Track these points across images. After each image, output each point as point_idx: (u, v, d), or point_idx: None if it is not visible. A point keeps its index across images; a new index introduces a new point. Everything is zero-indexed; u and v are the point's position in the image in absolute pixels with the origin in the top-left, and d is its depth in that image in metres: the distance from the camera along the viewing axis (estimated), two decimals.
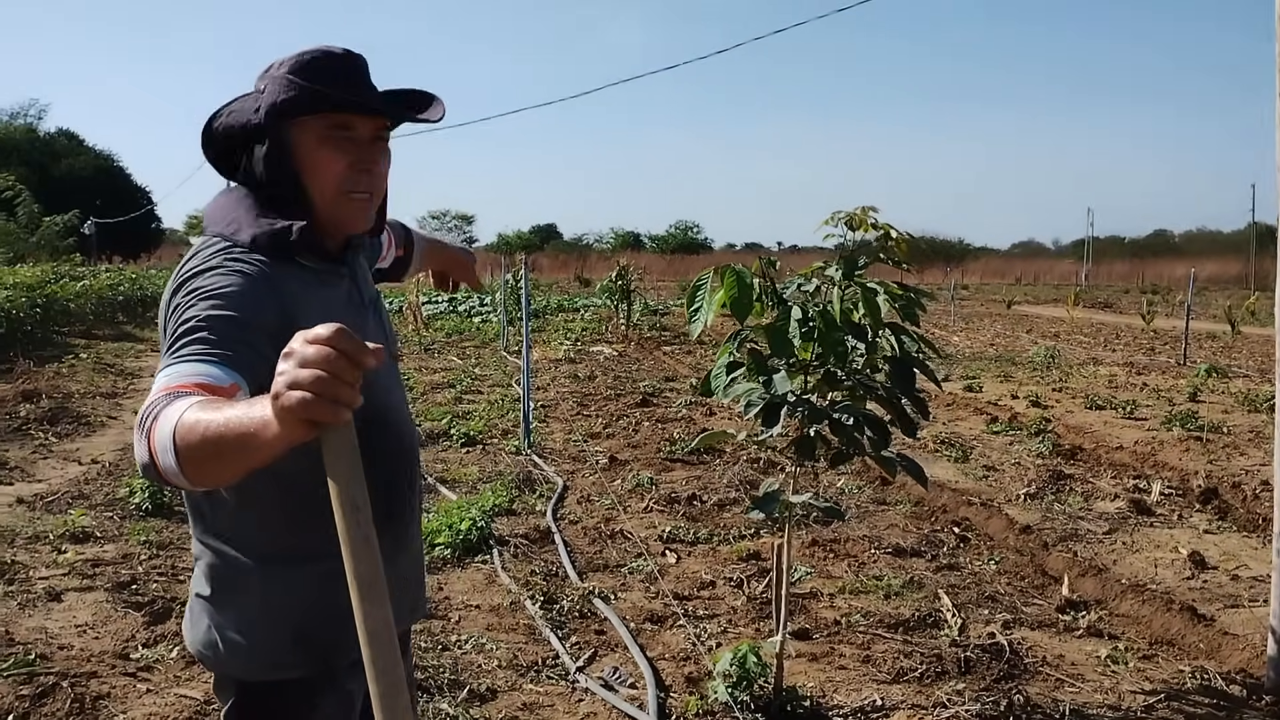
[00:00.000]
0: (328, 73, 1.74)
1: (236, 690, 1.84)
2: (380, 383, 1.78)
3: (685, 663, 4.53)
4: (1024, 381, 14.26)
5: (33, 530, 6.27)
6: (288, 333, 1.37)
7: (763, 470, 8.08)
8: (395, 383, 1.94)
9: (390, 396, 1.88)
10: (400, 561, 1.90)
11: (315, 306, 1.70)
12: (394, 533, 1.85)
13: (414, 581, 2.02)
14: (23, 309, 16.15)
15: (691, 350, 17.70)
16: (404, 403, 1.97)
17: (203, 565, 1.85)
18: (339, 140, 1.74)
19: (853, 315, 3.62)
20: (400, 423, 1.90)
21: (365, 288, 1.93)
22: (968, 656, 4.55)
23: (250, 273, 1.67)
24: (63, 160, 53.20)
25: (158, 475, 1.40)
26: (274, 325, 1.59)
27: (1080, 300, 33.54)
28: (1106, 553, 6.28)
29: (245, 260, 1.69)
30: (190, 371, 1.47)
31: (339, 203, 1.76)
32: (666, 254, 74.22)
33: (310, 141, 1.74)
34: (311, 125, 1.73)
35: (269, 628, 1.80)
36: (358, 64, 1.79)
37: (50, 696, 4.05)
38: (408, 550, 1.96)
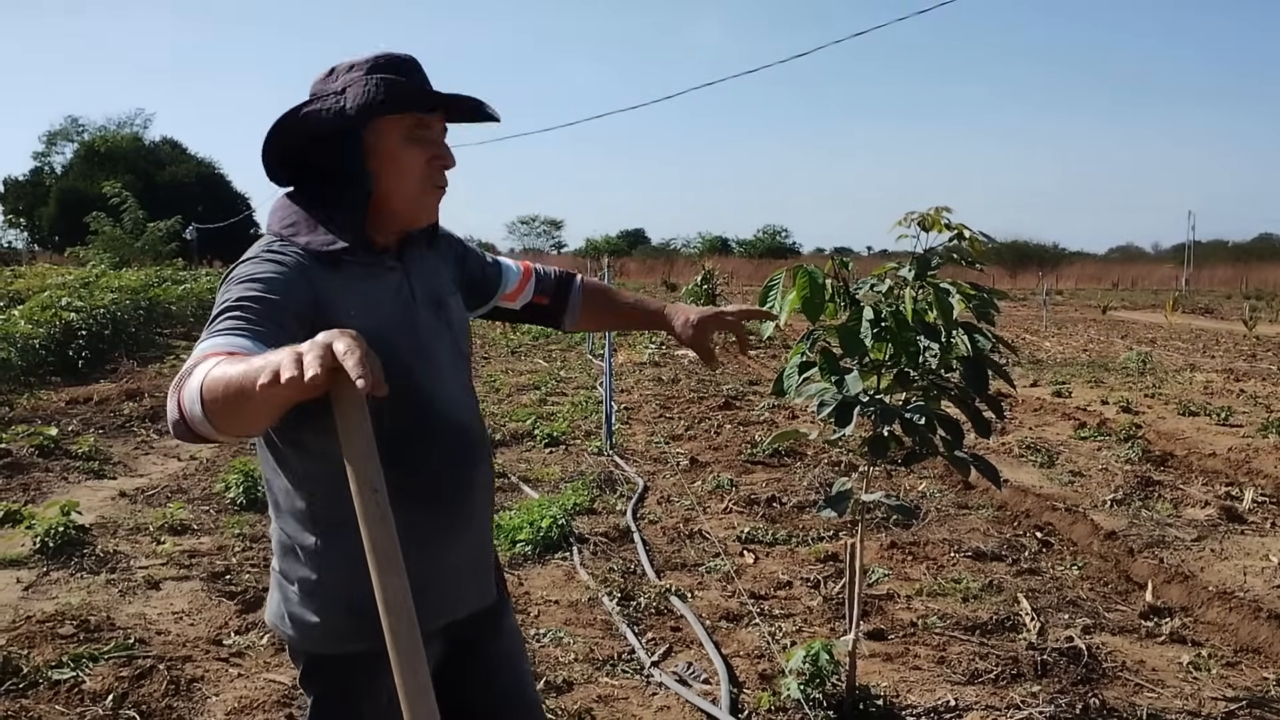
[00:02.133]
0: (408, 73, 1.87)
1: (305, 661, 1.97)
2: (432, 373, 1.91)
3: (759, 660, 4.57)
4: (1115, 387, 13.98)
5: (134, 522, 6.53)
6: (320, 319, 1.62)
7: (843, 473, 8.07)
8: (452, 375, 1.98)
9: (442, 386, 1.94)
10: (458, 547, 1.98)
11: (354, 298, 1.81)
12: (449, 517, 1.95)
13: (476, 567, 2.07)
14: (127, 311, 16.71)
15: (776, 354, 17.65)
16: (462, 395, 2.01)
17: (275, 543, 2.00)
18: (421, 139, 1.86)
19: (926, 315, 3.63)
20: (453, 412, 1.95)
21: (424, 284, 1.99)
22: (1044, 659, 4.52)
23: (287, 262, 1.78)
24: (166, 168, 54.79)
25: (187, 429, 1.50)
26: (306, 309, 1.71)
27: (1179, 305, 32.72)
28: (1194, 560, 6.16)
29: (285, 252, 1.81)
30: (223, 343, 1.57)
31: (421, 197, 1.90)
32: (754, 258, 73.89)
33: (395, 140, 1.84)
34: (396, 124, 1.84)
35: (328, 601, 1.90)
36: (419, 66, 1.91)
37: (148, 678, 4.23)
38: (467, 536, 2.01)
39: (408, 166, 1.85)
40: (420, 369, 1.87)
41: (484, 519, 2.08)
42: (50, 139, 61.92)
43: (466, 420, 1.99)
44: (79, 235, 37.39)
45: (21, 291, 18.67)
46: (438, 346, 1.95)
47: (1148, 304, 39.94)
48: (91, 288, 18.27)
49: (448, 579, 1.97)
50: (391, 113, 1.84)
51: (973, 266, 3.80)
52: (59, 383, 12.38)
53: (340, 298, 1.79)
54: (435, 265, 2.07)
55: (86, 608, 4.97)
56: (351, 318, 1.74)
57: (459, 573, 2.00)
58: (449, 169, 1.93)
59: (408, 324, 1.89)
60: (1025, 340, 22.03)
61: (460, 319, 2.08)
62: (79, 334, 13.93)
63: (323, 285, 1.79)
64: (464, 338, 2.07)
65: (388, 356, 1.63)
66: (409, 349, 1.86)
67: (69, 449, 8.48)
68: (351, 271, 1.84)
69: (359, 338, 1.35)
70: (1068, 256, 72.95)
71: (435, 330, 1.96)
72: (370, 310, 1.81)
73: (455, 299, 2.09)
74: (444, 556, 1.95)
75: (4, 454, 8.12)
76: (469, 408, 2.02)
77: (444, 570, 1.95)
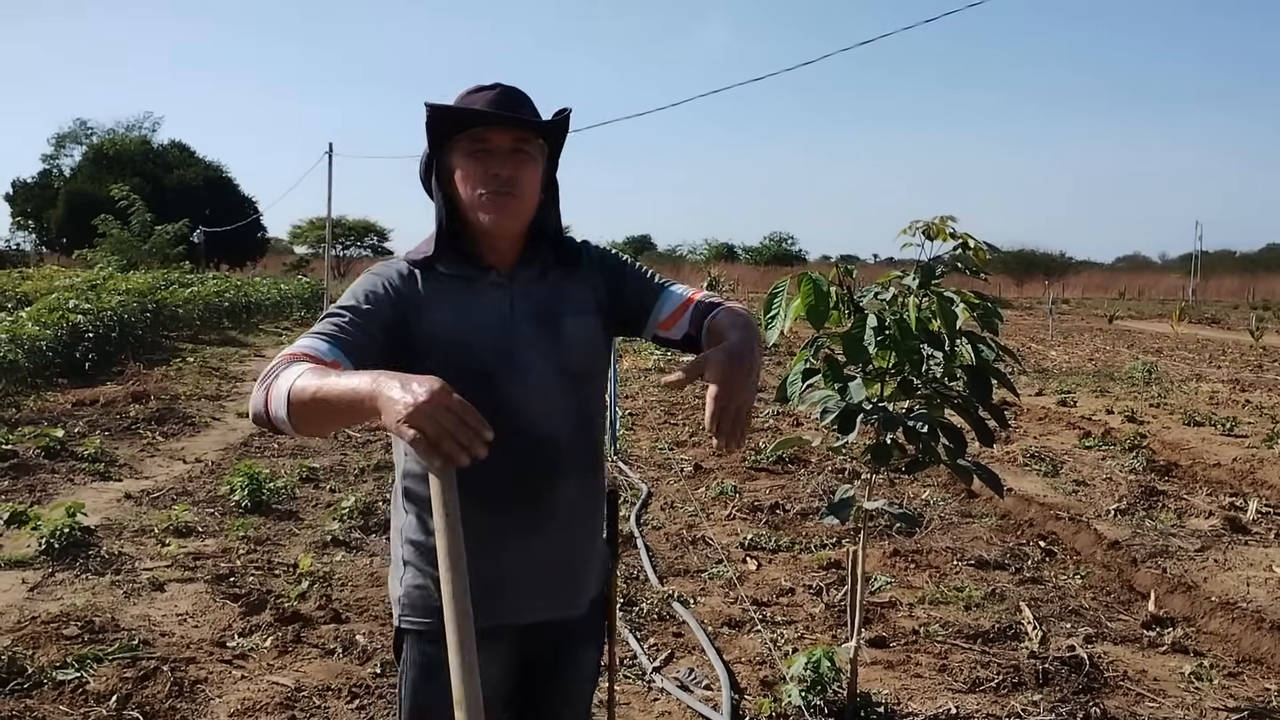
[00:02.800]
0: (472, 99, 2.03)
1: (395, 634, 2.18)
2: (518, 384, 2.00)
3: (761, 666, 4.58)
4: (1121, 397, 13.97)
5: (139, 524, 6.55)
6: (409, 324, 1.97)
7: (846, 480, 8.07)
8: (544, 388, 2.03)
9: (526, 397, 2.00)
10: (523, 553, 2.04)
11: (446, 307, 2.02)
12: (513, 523, 2.03)
13: (548, 578, 2.09)
14: (134, 314, 16.77)
15: (780, 361, 17.64)
16: (555, 409, 2.04)
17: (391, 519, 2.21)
18: (477, 152, 2.01)
19: (930, 324, 3.64)
20: (535, 423, 2.00)
21: (533, 300, 2.08)
22: (1046, 669, 4.53)
23: (389, 275, 2.04)
24: (174, 171, 54.86)
25: (268, 422, 1.79)
26: (394, 318, 1.98)
27: (1186, 315, 32.68)
28: (1197, 570, 6.16)
29: (394, 265, 2.08)
30: (305, 344, 1.86)
31: (476, 202, 2.01)
32: (760, 265, 73.94)
33: (458, 158, 2.03)
34: (459, 144, 2.02)
35: (411, 577, 2.10)
36: (507, 92, 2.05)
37: (152, 680, 4.25)
38: (535, 545, 2.05)
39: (466, 179, 2.02)
40: (504, 378, 1.99)
41: (562, 533, 2.08)
42: (59, 142, 62.08)
43: (552, 433, 2.03)
44: (87, 238, 37.53)
45: (29, 293, 18.76)
46: (533, 360, 2.02)
47: (1154, 314, 39.91)
48: (99, 290, 18.35)
49: (506, 581, 2.03)
50: (435, 132, 2.03)
51: (977, 276, 3.81)
52: (66, 384, 12.42)
53: (431, 306, 2.01)
54: (561, 284, 2.13)
55: (91, 609, 4.98)
56: (435, 324, 1.99)
57: (520, 578, 2.05)
58: (502, 176, 2.00)
59: (498, 335, 2.02)
60: (1031, 349, 22.02)
61: (580, 338, 2.10)
62: (86, 336, 13.98)
63: (417, 294, 2.02)
64: (578, 356, 2.09)
65: (467, 362, 1.96)
66: (493, 358, 1.99)
67: (75, 451, 8.50)
68: (452, 284, 2.05)
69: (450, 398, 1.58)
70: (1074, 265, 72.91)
71: (534, 344, 2.04)
72: (458, 318, 2.01)
73: (581, 320, 2.12)
74: (503, 559, 2.02)
75: (10, 455, 8.15)
76: (560, 422, 2.04)
77: (502, 572, 2.02)
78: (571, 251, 2.17)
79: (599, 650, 2.32)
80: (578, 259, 2.17)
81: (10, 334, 12.07)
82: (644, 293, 2.18)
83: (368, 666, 4.46)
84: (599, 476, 2.18)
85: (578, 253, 2.18)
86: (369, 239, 76.14)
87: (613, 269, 2.21)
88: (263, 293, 28.28)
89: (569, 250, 2.16)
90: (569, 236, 2.21)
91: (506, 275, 2.08)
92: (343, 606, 5.13)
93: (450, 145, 2.03)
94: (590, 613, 2.21)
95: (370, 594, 5.32)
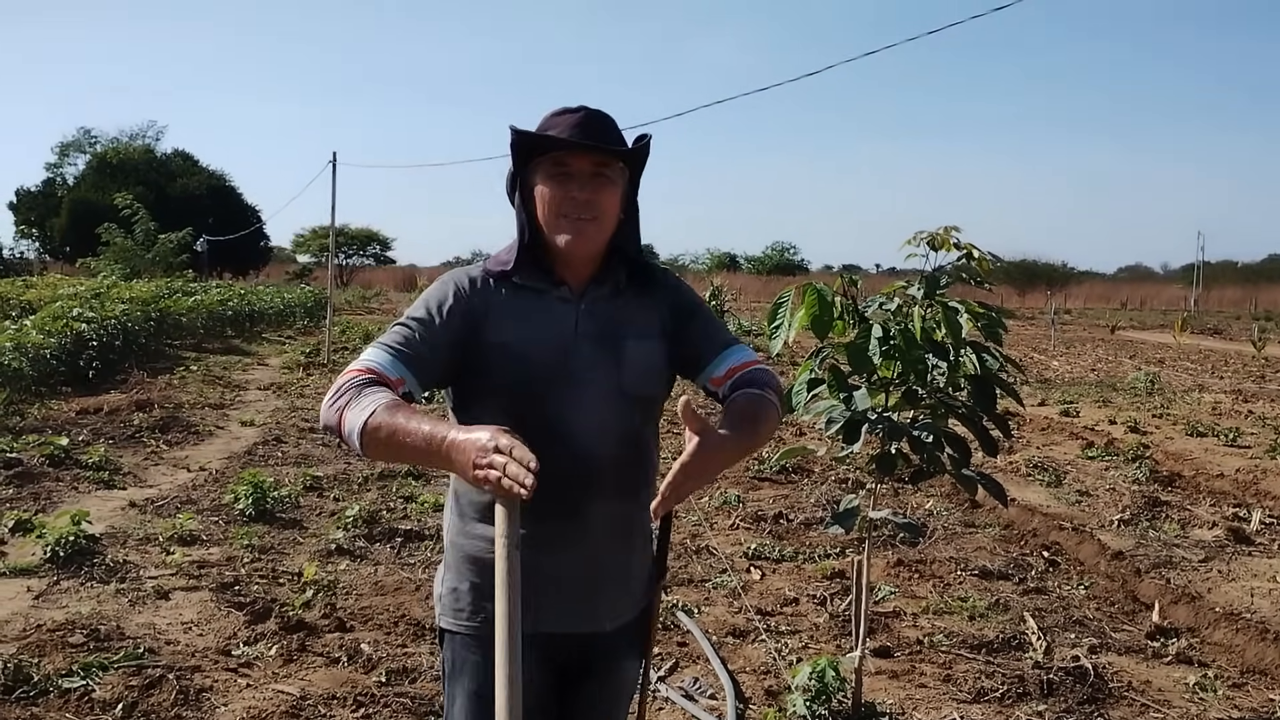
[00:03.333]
0: (559, 122, 2.07)
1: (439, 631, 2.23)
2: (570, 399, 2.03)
3: (765, 676, 4.59)
4: (1123, 407, 13.98)
5: (143, 532, 6.56)
6: (477, 337, 2.03)
7: (851, 490, 8.09)
8: (596, 407, 2.05)
9: (576, 413, 2.03)
10: (554, 564, 2.07)
11: (512, 317, 2.07)
12: (546, 534, 2.03)
13: (579, 591, 2.10)
14: (138, 322, 16.78)
15: (784, 371, 17.66)
16: (603, 428, 2.05)
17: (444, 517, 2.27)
18: (557, 175, 2.06)
19: (934, 334, 3.65)
20: (580, 439, 2.03)
21: (600, 320, 2.12)
22: (1050, 679, 4.53)
23: (461, 283, 2.11)
24: (178, 180, 54.83)
25: (336, 436, 1.92)
26: (458, 329, 2.04)
27: (1188, 326, 32.63)
28: (1201, 581, 6.16)
29: (465, 275, 2.13)
30: (371, 357, 1.99)
31: (555, 226, 2.06)
32: (762, 275, 73.91)
33: (540, 178, 2.08)
34: (542, 165, 2.07)
35: (452, 578, 2.16)
36: (593, 115, 2.09)
37: (157, 688, 4.25)
38: (568, 558, 2.07)
39: (546, 200, 2.06)
40: (557, 392, 2.03)
41: (593, 552, 2.10)
42: (62, 150, 62.05)
43: (596, 452, 2.04)
44: (90, 246, 37.53)
45: (33, 302, 18.77)
46: (589, 378, 2.06)
47: (1156, 324, 39.90)
48: (102, 298, 18.36)
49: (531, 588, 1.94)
50: (519, 153, 2.08)
51: (981, 286, 3.82)
52: (70, 393, 12.43)
53: (498, 315, 2.07)
54: (630, 305, 2.16)
55: (96, 617, 4.99)
56: (502, 334, 2.04)
57: (545, 588, 2.05)
58: (580, 200, 2.05)
59: (558, 350, 2.06)
60: (1033, 359, 22.02)
61: (641, 361, 2.12)
62: (90, 344, 13.99)
63: (487, 303, 2.08)
64: (636, 379, 2.10)
65: (524, 374, 2.01)
66: (549, 372, 2.03)
67: (79, 459, 8.51)
68: (523, 295, 2.10)
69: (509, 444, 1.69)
70: (1076, 276, 72.76)
71: (592, 363, 2.07)
72: (522, 330, 2.06)
73: (643, 343, 2.14)
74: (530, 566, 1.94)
75: (15, 463, 8.16)
76: (606, 443, 2.05)
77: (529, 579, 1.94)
78: (647, 274, 2.20)
79: (638, 668, 2.32)
80: (652, 283, 2.21)
81: (15, 342, 12.08)
82: (707, 344, 2.20)
83: (373, 675, 4.46)
84: (643, 500, 2.10)
85: (653, 277, 2.21)
86: (372, 248, 76.22)
87: (684, 308, 2.23)
88: (266, 301, 28.29)
89: (645, 273, 2.20)
90: (649, 259, 2.23)
91: (576, 292, 2.12)
92: (347, 615, 5.13)
93: (533, 165, 2.08)
94: (628, 630, 2.22)
95: (375, 602, 5.33)
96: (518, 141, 2.06)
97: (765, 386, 2.13)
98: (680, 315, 2.21)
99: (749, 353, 2.22)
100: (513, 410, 1.97)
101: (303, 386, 14.42)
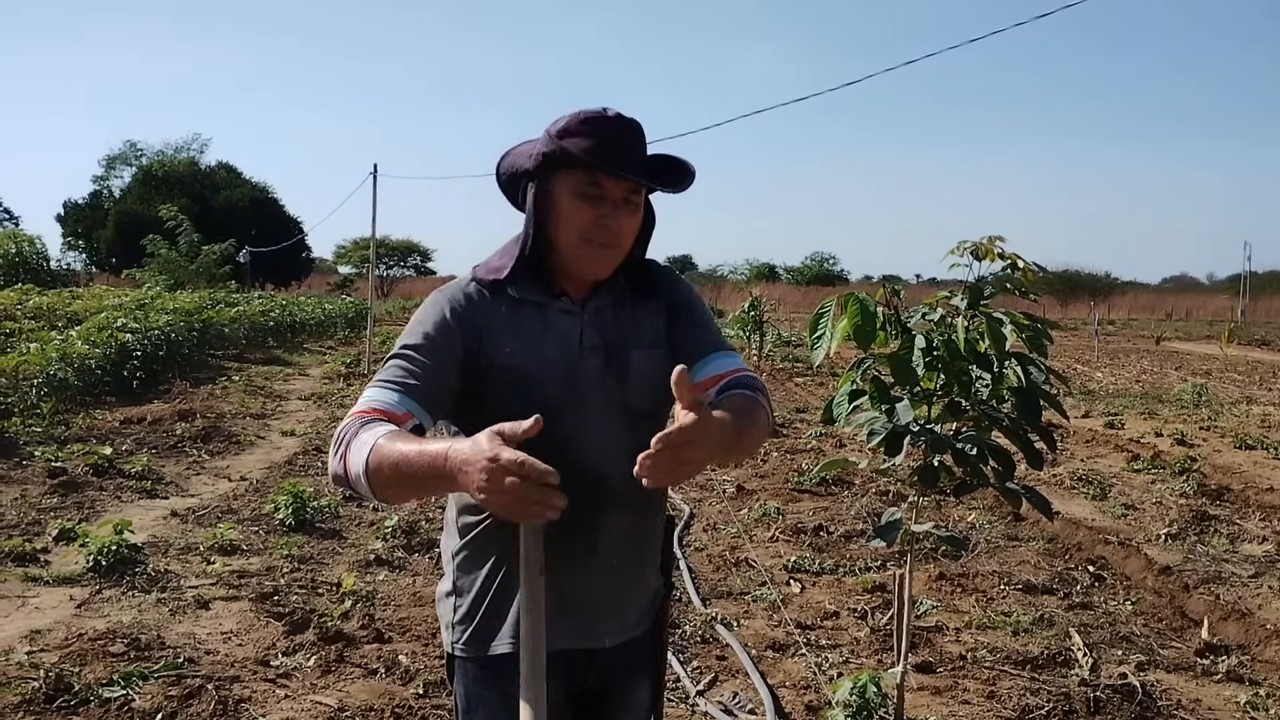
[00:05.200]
0: (596, 135, 1.92)
1: (446, 659, 2.15)
2: (579, 418, 1.95)
3: (806, 691, 4.53)
4: (1169, 419, 13.76)
5: (184, 542, 6.60)
6: (480, 354, 1.92)
7: (891, 502, 8.00)
8: (604, 424, 1.98)
9: (587, 432, 1.95)
10: (572, 581, 1.98)
11: (516, 336, 1.96)
12: (568, 551, 1.95)
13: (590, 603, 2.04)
14: (181, 333, 16.96)
15: (823, 382, 17.57)
16: (612, 445, 1.96)
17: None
18: (589, 196, 1.93)
19: (978, 345, 3.59)
20: (592, 459, 1.94)
21: (603, 333, 2.01)
22: (1097, 696, 4.44)
23: (452, 300, 1.98)
24: (221, 192, 55.43)
25: (349, 487, 1.77)
26: (460, 350, 1.92)
27: (1235, 337, 32.19)
28: (1251, 597, 6.04)
29: (458, 291, 2.00)
30: (373, 396, 1.85)
31: (578, 249, 1.95)
32: (801, 286, 73.63)
33: (566, 193, 1.94)
34: (570, 179, 1.94)
35: (460, 604, 2.07)
36: (627, 129, 1.96)
37: (196, 698, 4.27)
38: (579, 578, 1.99)
39: (571, 220, 1.94)
40: (568, 412, 1.93)
41: (603, 569, 2.02)
42: (109, 163, 62.91)
43: (605, 469, 1.95)
44: (136, 257, 38.02)
45: (79, 312, 19.01)
46: (595, 395, 1.98)
47: (1202, 335, 39.32)
48: (147, 309, 18.59)
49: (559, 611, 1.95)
50: (561, 168, 1.94)
51: (1025, 296, 3.76)
52: (114, 402, 12.57)
53: (501, 335, 1.95)
54: (634, 315, 2.07)
55: (137, 626, 5.02)
56: (506, 355, 1.93)
57: (564, 609, 1.97)
58: (613, 230, 1.95)
59: (565, 368, 1.96)
60: (1077, 370, 21.76)
61: (648, 373, 2.01)
62: (134, 355, 14.16)
63: (487, 320, 1.96)
64: (644, 392, 2.01)
65: (535, 395, 1.89)
66: (559, 391, 1.94)
67: (122, 468, 8.60)
68: (522, 309, 1.99)
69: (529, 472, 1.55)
70: (1120, 286, 71.87)
71: (597, 379, 1.99)
72: (528, 349, 1.95)
73: (650, 353, 2.05)
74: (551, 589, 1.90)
75: (60, 472, 8.25)
76: (615, 458, 1.92)
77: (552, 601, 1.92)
78: (647, 279, 2.10)
79: (654, 682, 2.25)
80: (653, 288, 2.10)
81: (61, 352, 12.24)
82: (694, 345, 2.09)
83: (410, 687, 4.45)
84: (656, 516, 2.08)
85: (653, 281, 2.11)
86: (412, 259, 76.79)
87: (676, 306, 2.13)
88: (307, 312, 28.55)
89: (645, 277, 2.10)
90: (649, 261, 2.13)
91: (578, 304, 2.02)
92: (385, 626, 5.13)
93: (558, 175, 1.95)
94: (639, 644, 2.15)
95: (413, 614, 5.32)
96: (559, 156, 1.92)
97: (756, 390, 2.04)
98: (672, 313, 2.11)
99: (737, 359, 2.11)
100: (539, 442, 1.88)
101: (343, 397, 14.49)
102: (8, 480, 8.07)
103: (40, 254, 37.71)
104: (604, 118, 1.95)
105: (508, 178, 2.06)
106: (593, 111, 1.95)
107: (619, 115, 1.96)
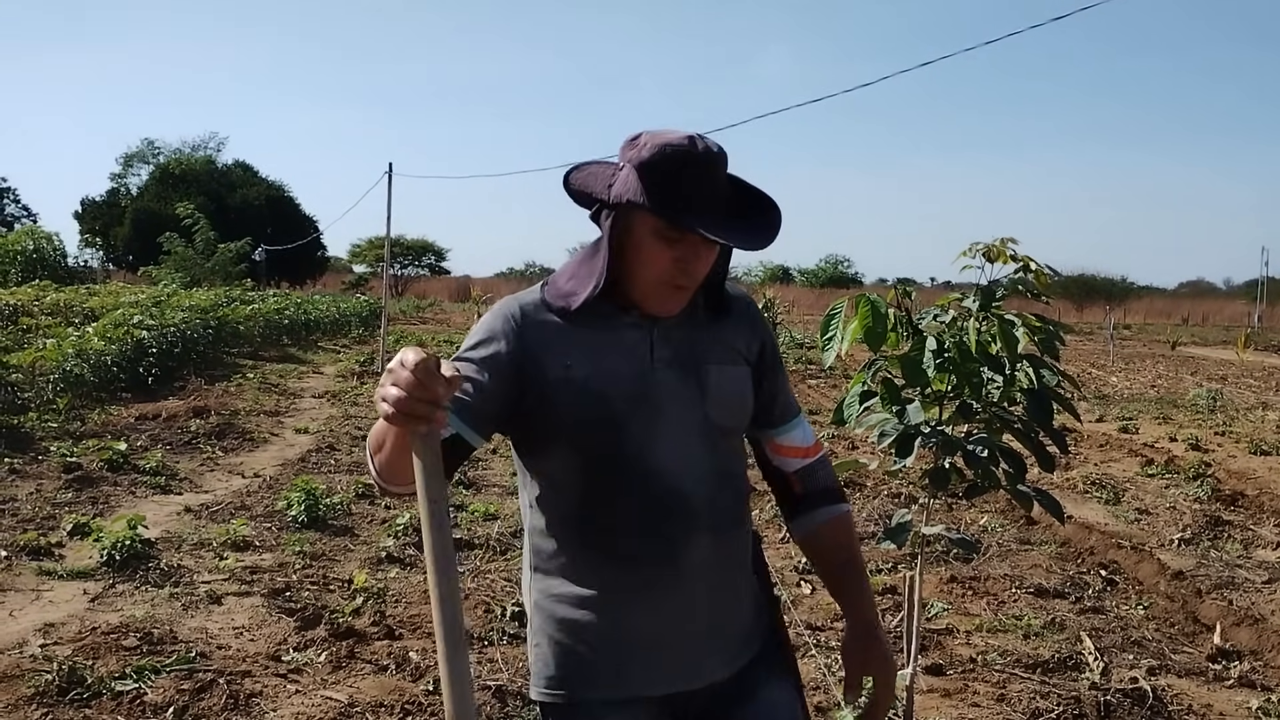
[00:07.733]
0: (681, 178, 1.77)
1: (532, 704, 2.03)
2: (652, 433, 1.85)
3: (815, 692, 4.53)
4: (1184, 424, 13.70)
5: (198, 538, 6.64)
6: (533, 375, 1.82)
7: (903, 505, 7.99)
8: (681, 439, 1.88)
9: (661, 447, 1.86)
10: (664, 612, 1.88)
11: (576, 349, 1.85)
12: (644, 581, 1.86)
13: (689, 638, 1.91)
14: (197, 330, 17.06)
15: (836, 384, 17.54)
16: (690, 462, 1.88)
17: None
18: (671, 239, 1.81)
19: (989, 347, 3.59)
20: (667, 475, 1.85)
21: (677, 346, 1.91)
22: (1108, 700, 4.43)
23: (508, 317, 1.88)
24: (238, 190, 55.62)
25: (376, 482, 1.77)
26: (515, 367, 1.83)
27: (1251, 342, 32.01)
28: (1264, 602, 6.01)
29: (514, 306, 1.90)
30: None
31: (656, 291, 1.85)
32: (815, 288, 73.57)
33: (645, 231, 1.82)
34: (650, 219, 1.80)
35: (542, 644, 1.94)
36: (714, 166, 1.81)
37: (208, 692, 4.29)
38: (669, 608, 1.88)
39: (650, 260, 1.83)
40: (638, 427, 1.83)
41: (695, 597, 1.89)
42: (127, 161, 63.23)
43: (685, 487, 1.85)
44: (152, 255, 38.22)
45: (96, 309, 19.12)
46: (672, 408, 1.87)
47: (1218, 340, 39.16)
48: (163, 307, 18.70)
49: (635, 648, 1.88)
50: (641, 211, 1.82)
51: (1038, 299, 3.75)
52: (129, 399, 12.64)
53: (560, 348, 1.85)
54: (708, 329, 1.97)
55: (150, 620, 5.05)
56: (567, 368, 1.83)
57: (649, 646, 1.89)
58: (692, 274, 1.85)
59: (633, 381, 1.86)
60: (1091, 374, 21.69)
61: (727, 389, 1.94)
62: (150, 352, 14.24)
63: (542, 336, 1.86)
64: (724, 408, 1.93)
65: (598, 409, 1.80)
66: (627, 405, 1.84)
67: (137, 464, 8.64)
68: (585, 322, 1.87)
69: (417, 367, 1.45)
70: (1135, 291, 71.63)
71: (674, 392, 1.88)
72: (591, 362, 1.85)
73: (730, 370, 1.96)
74: (630, 623, 1.87)
75: (75, 467, 8.30)
76: (695, 476, 1.87)
77: (630, 637, 1.87)
78: (723, 300, 1.99)
79: (794, 688, 2.07)
80: (727, 309, 1.99)
81: (77, 349, 12.32)
82: (777, 403, 2.07)
83: (420, 684, 4.47)
84: (741, 535, 1.99)
85: (728, 303, 2.00)
86: (427, 258, 76.93)
87: (770, 352, 2.06)
88: (322, 310, 28.64)
89: (722, 298, 1.99)
90: (728, 283, 2.01)
91: (647, 316, 1.89)
92: (396, 623, 5.15)
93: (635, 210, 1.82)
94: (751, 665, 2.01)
95: (423, 611, 5.34)
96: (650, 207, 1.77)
97: (838, 493, 2.05)
98: (766, 357, 2.03)
99: (810, 430, 2.14)
100: (590, 451, 1.81)
101: (356, 395, 14.54)
102: (24, 475, 8.13)
103: (58, 251, 37.96)
104: (690, 153, 1.78)
105: (578, 195, 1.92)
106: (677, 141, 1.79)
107: (706, 150, 1.79)
